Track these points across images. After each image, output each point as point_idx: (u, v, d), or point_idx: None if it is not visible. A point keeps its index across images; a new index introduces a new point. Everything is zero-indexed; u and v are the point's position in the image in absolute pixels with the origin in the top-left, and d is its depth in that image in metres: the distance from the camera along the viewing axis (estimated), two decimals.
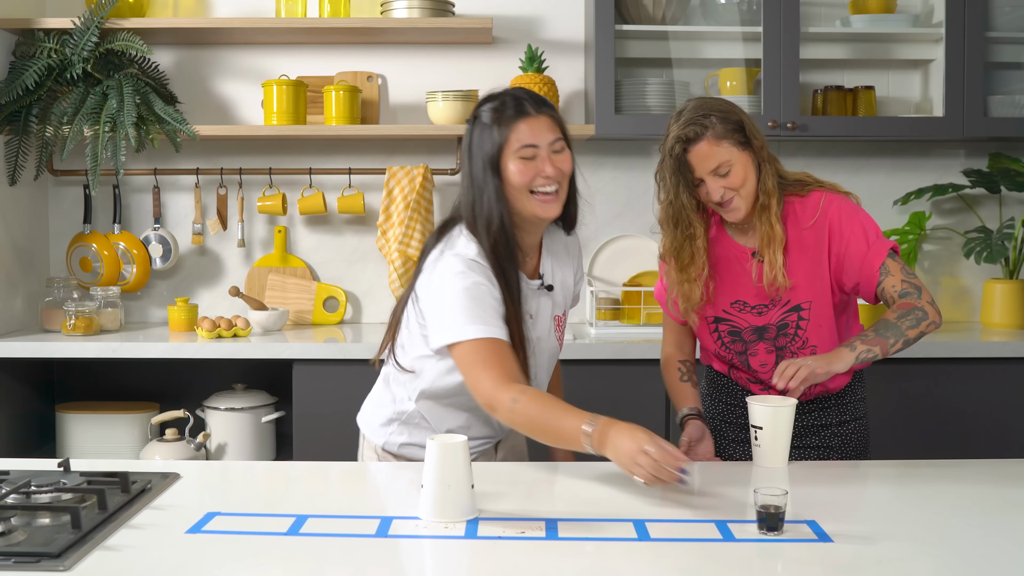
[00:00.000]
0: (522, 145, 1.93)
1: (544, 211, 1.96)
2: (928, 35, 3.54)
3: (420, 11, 3.45)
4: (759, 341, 2.22)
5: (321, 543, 1.55)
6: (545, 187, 1.95)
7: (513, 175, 1.93)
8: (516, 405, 1.82)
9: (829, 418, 2.28)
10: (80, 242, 3.61)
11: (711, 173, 2.09)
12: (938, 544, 1.56)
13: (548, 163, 1.94)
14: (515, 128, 1.93)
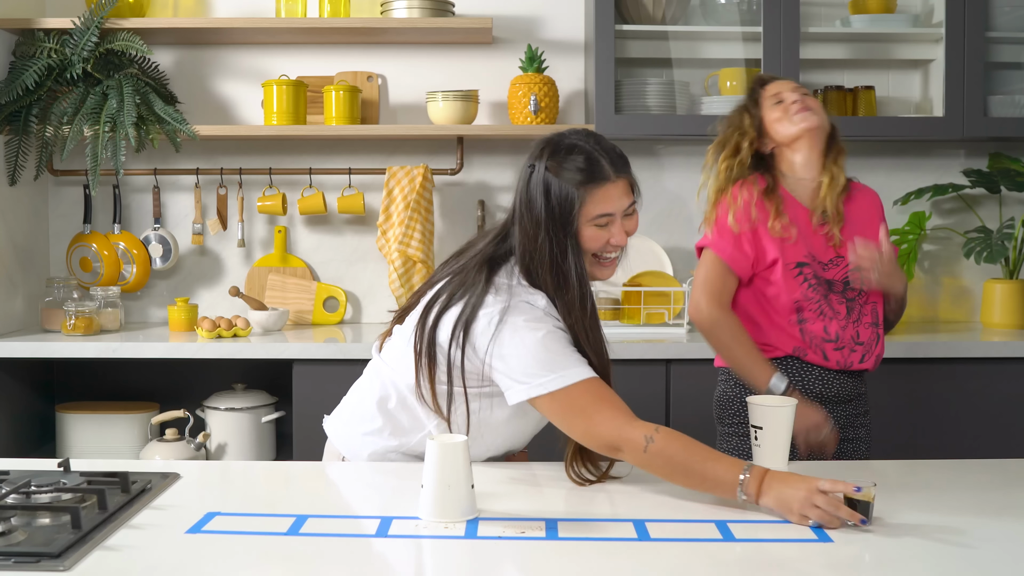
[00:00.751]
0: (599, 214, 1.84)
1: (603, 275, 1.93)
2: (928, 35, 3.53)
3: (420, 11, 3.45)
4: (831, 292, 2.40)
5: (321, 543, 1.55)
6: (611, 254, 1.91)
7: (585, 241, 1.86)
8: (652, 445, 1.73)
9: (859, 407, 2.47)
10: (80, 242, 3.61)
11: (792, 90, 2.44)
12: (938, 544, 1.56)
13: (620, 231, 1.88)
14: (593, 194, 1.83)
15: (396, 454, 2.01)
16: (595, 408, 1.78)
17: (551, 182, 1.84)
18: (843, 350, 2.40)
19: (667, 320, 3.46)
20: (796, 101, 2.40)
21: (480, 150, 3.72)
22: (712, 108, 3.53)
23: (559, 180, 1.84)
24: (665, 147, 3.73)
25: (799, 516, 1.62)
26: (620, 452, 1.77)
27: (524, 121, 3.49)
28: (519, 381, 1.82)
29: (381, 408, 2.00)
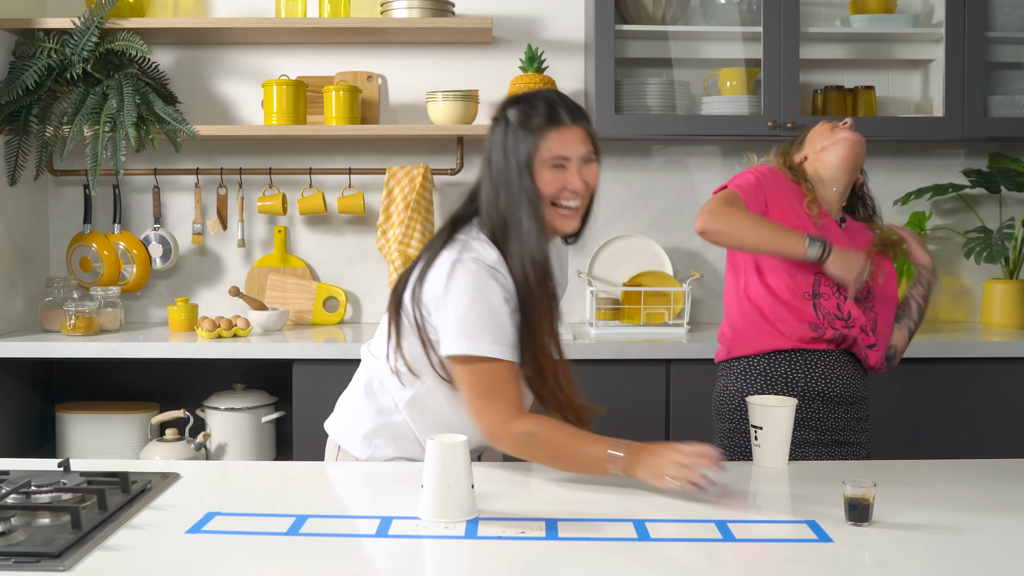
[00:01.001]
0: (553, 156, 1.86)
1: (563, 225, 1.92)
2: (928, 35, 3.53)
3: (420, 11, 3.45)
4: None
5: (321, 543, 1.55)
6: (569, 201, 1.90)
7: (540, 181, 1.86)
8: (534, 439, 1.82)
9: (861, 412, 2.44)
10: (80, 242, 3.61)
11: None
12: (938, 544, 1.56)
13: (577, 176, 1.88)
14: (547, 137, 1.86)
15: (384, 437, 2.03)
16: (489, 394, 1.83)
17: (511, 129, 1.87)
18: (854, 328, 2.36)
19: (667, 320, 3.46)
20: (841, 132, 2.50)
21: (480, 150, 3.71)
22: (712, 108, 3.53)
23: (518, 126, 1.86)
24: (665, 147, 3.73)
25: (664, 480, 1.72)
26: (498, 444, 1.86)
27: None
28: (445, 335, 1.86)
29: (367, 391, 2.05)
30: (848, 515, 1.63)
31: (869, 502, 1.62)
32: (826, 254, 2.25)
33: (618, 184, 3.73)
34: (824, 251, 2.25)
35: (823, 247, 2.25)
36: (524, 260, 1.87)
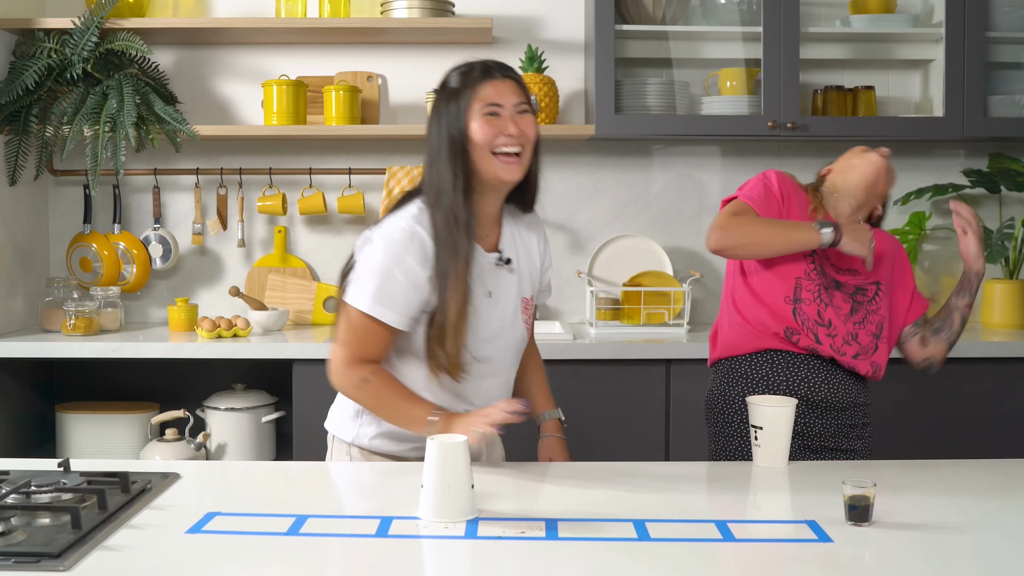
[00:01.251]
0: (487, 103, 1.91)
1: (506, 172, 1.93)
2: (928, 35, 3.54)
3: (420, 11, 3.45)
4: (836, 290, 2.34)
5: (321, 543, 1.55)
6: (508, 147, 1.92)
7: (476, 133, 1.91)
8: (366, 385, 1.94)
9: (856, 418, 2.37)
10: (80, 242, 3.61)
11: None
12: (938, 544, 1.56)
13: (512, 123, 1.92)
14: (480, 88, 1.92)
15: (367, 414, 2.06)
16: (349, 337, 1.95)
17: (446, 93, 1.95)
18: (836, 338, 2.30)
19: (667, 320, 3.46)
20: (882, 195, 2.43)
21: None
22: (712, 108, 3.53)
23: (455, 86, 1.94)
24: (665, 147, 3.73)
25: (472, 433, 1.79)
26: (336, 381, 1.97)
27: None
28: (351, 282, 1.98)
29: None
30: (848, 515, 1.63)
31: (869, 502, 1.62)
32: (839, 235, 2.25)
33: (618, 184, 3.73)
34: (837, 233, 2.25)
35: (834, 230, 2.25)
36: (448, 220, 1.91)
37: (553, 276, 2.32)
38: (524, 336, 2.10)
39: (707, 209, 3.73)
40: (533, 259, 2.12)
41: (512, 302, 2.05)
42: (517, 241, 2.08)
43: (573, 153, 3.73)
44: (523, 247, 2.09)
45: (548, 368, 3.15)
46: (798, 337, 2.30)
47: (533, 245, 2.12)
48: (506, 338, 2.05)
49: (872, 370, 2.35)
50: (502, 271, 2.03)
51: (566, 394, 3.18)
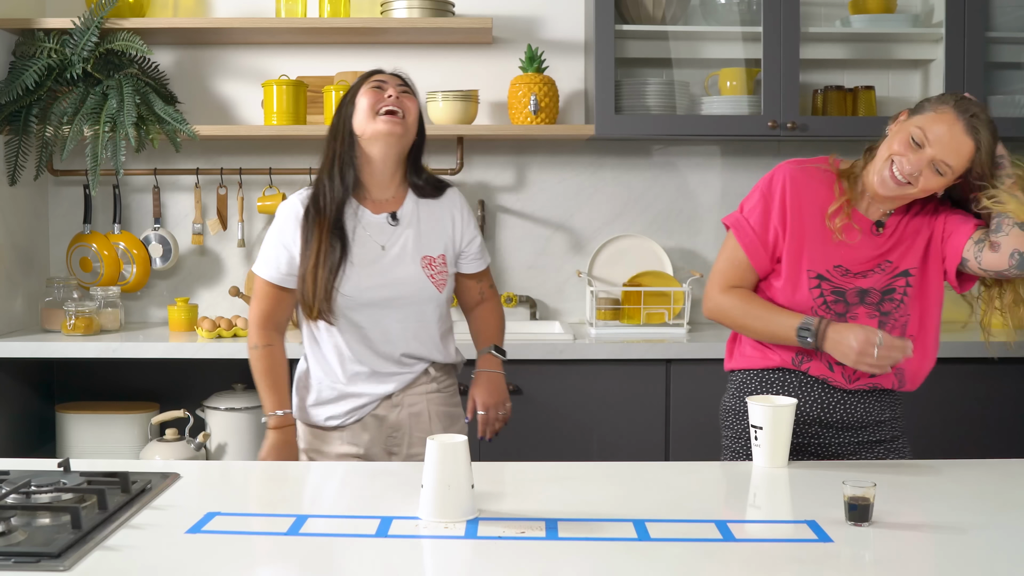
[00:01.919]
0: (374, 80, 2.30)
1: (388, 127, 2.24)
2: (928, 35, 3.53)
3: (420, 11, 3.45)
4: (860, 304, 2.16)
5: (321, 543, 1.55)
6: (388, 106, 2.24)
7: (361, 100, 2.26)
8: (253, 351, 2.30)
9: (882, 434, 2.24)
10: (80, 242, 3.61)
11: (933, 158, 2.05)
12: (938, 544, 1.56)
13: (394, 89, 2.28)
14: (370, 78, 2.32)
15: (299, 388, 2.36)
16: (253, 302, 2.33)
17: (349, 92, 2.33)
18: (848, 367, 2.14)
19: (667, 320, 3.46)
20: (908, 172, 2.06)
21: (480, 150, 3.72)
22: (712, 108, 3.53)
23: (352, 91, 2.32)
24: (665, 147, 3.73)
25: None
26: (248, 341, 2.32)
27: (524, 121, 3.49)
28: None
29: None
30: (848, 515, 1.63)
31: (869, 502, 1.62)
32: (819, 342, 2.08)
33: (618, 184, 3.73)
34: (816, 339, 2.08)
35: (815, 335, 2.08)
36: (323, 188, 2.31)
37: (551, 275, 2.33)
38: (434, 293, 2.32)
39: (707, 209, 3.73)
40: (444, 227, 2.36)
41: (408, 255, 2.30)
42: (421, 209, 2.34)
43: (573, 153, 3.73)
44: (428, 214, 2.35)
45: (548, 368, 3.16)
46: (808, 365, 2.18)
47: (447, 216, 2.37)
48: (402, 287, 2.28)
49: (897, 381, 2.20)
50: (395, 228, 2.31)
51: (566, 394, 3.18)
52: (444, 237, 2.35)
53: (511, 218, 3.73)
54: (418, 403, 2.33)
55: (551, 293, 3.74)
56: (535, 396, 3.17)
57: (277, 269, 2.28)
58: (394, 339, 2.29)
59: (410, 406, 2.32)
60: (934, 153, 2.04)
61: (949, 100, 2.10)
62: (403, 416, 2.31)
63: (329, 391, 2.31)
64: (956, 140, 2.05)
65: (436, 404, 2.35)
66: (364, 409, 2.30)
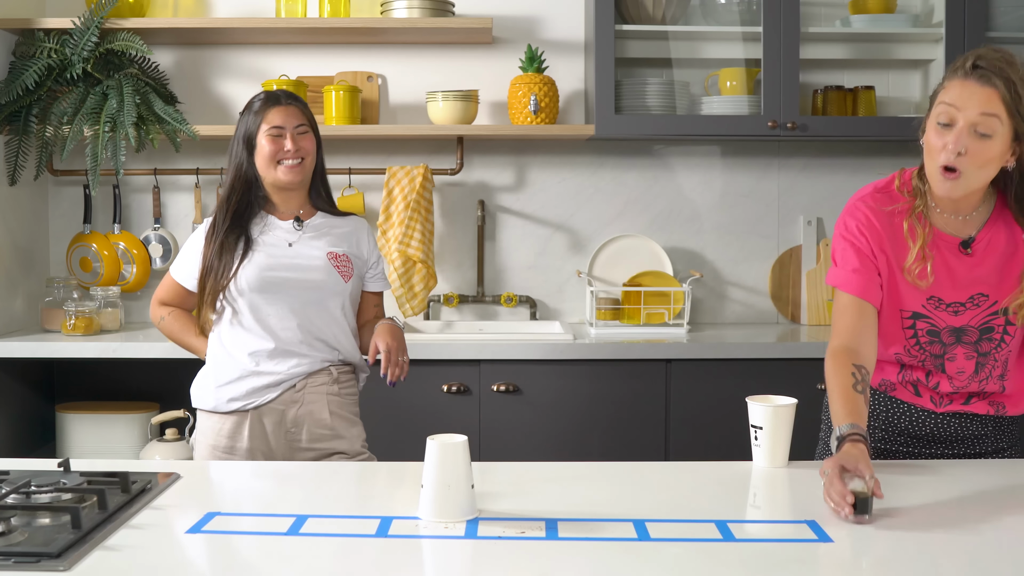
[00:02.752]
0: (271, 126, 2.41)
1: (287, 176, 2.42)
2: (928, 35, 3.53)
3: (420, 11, 3.45)
4: (957, 344, 2.02)
5: (321, 543, 1.55)
6: (287, 160, 2.41)
7: (262, 148, 2.41)
8: (163, 322, 2.54)
9: (983, 447, 2.10)
10: (80, 242, 3.61)
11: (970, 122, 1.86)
12: (938, 544, 1.56)
13: (291, 141, 2.41)
14: (269, 112, 2.42)
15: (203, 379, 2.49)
16: (158, 290, 2.56)
17: (245, 115, 2.46)
18: (938, 388, 2.05)
19: (667, 320, 3.46)
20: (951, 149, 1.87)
21: (480, 150, 3.72)
22: (712, 108, 3.53)
23: (250, 111, 2.45)
24: (665, 147, 3.73)
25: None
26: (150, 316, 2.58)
27: (524, 121, 3.49)
28: None
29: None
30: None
31: (868, 495, 1.62)
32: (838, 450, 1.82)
33: (618, 184, 3.73)
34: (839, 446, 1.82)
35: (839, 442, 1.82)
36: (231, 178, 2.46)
37: (551, 275, 2.31)
38: (335, 276, 2.44)
39: (707, 209, 3.73)
40: (350, 239, 2.51)
41: (314, 248, 2.44)
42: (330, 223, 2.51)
43: (573, 153, 3.73)
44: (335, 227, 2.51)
45: (547, 368, 3.16)
46: (892, 389, 2.09)
47: (353, 234, 2.53)
48: (307, 272, 2.41)
49: (994, 410, 2.06)
50: (300, 231, 2.46)
51: (566, 394, 3.18)
52: (351, 245, 2.51)
53: (511, 218, 3.73)
54: (317, 400, 2.40)
55: (551, 293, 3.74)
56: (535, 396, 3.17)
57: (183, 271, 2.51)
58: (297, 322, 2.41)
59: (310, 403, 2.39)
60: (964, 119, 1.85)
61: (955, 69, 1.91)
62: (302, 412, 2.39)
63: (231, 371, 2.41)
64: (975, 95, 1.85)
65: (335, 406, 2.42)
66: (266, 393, 2.38)
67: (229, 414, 2.41)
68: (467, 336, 3.32)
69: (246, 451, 2.39)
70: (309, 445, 2.40)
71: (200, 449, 2.45)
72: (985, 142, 1.86)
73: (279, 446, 2.40)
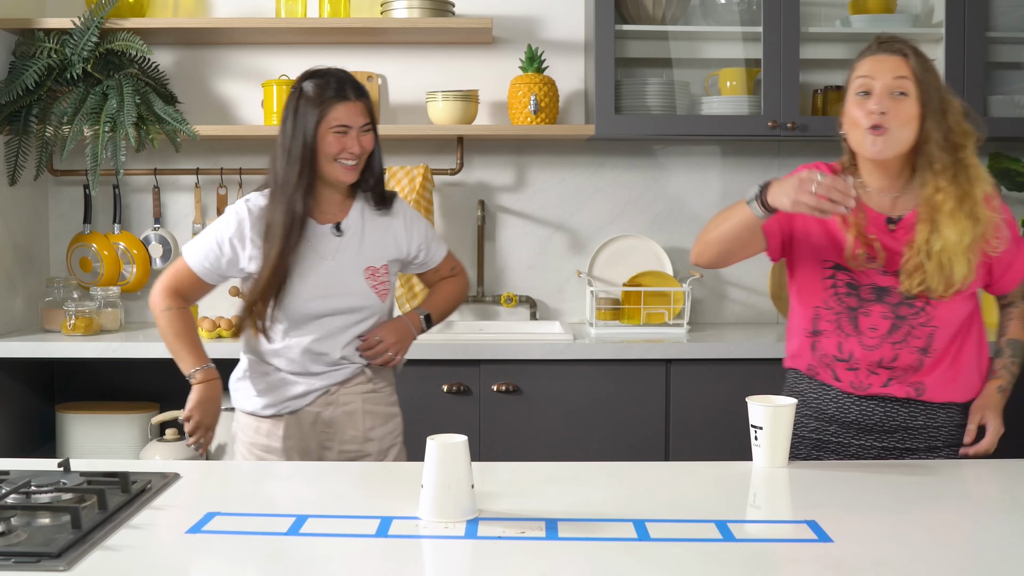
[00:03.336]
0: (338, 124, 2.27)
1: (345, 176, 2.31)
2: (928, 35, 3.53)
3: (420, 11, 3.45)
4: (876, 302, 2.11)
5: (321, 543, 1.55)
6: (348, 160, 2.29)
7: (327, 146, 2.27)
8: (166, 312, 2.39)
9: (916, 442, 2.16)
10: (80, 242, 3.61)
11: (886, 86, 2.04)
12: (938, 544, 1.56)
13: (356, 142, 2.29)
14: (333, 111, 2.27)
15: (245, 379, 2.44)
16: (170, 272, 2.42)
17: (304, 99, 2.28)
18: (858, 371, 2.13)
19: (667, 320, 3.46)
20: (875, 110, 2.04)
21: (480, 150, 3.72)
22: (712, 108, 3.53)
23: (312, 97, 2.27)
24: (665, 147, 3.73)
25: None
26: (150, 301, 2.42)
27: (524, 121, 3.49)
28: None
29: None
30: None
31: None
32: (764, 195, 2.00)
33: (618, 184, 3.73)
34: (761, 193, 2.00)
35: (758, 193, 2.01)
36: (284, 211, 2.28)
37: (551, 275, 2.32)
38: (372, 299, 2.38)
39: (707, 209, 3.73)
40: (388, 240, 2.42)
41: (351, 266, 2.36)
42: (366, 220, 2.40)
43: (573, 153, 3.73)
44: (373, 225, 2.40)
45: (547, 368, 3.16)
46: (816, 373, 2.19)
47: (391, 227, 2.42)
48: (344, 300, 2.34)
49: (914, 392, 2.12)
50: (339, 239, 2.36)
51: (566, 394, 3.18)
52: (389, 248, 2.42)
53: (511, 218, 3.73)
54: (352, 402, 2.39)
55: (551, 293, 3.74)
56: (535, 396, 3.17)
57: (203, 262, 2.38)
58: (333, 345, 2.36)
59: (344, 404, 2.39)
60: (880, 84, 2.04)
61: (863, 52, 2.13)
62: (337, 413, 2.38)
63: (267, 379, 2.39)
64: (886, 64, 2.06)
65: (371, 403, 2.41)
66: (301, 400, 2.37)
67: (266, 417, 2.40)
68: (467, 336, 3.32)
69: (282, 451, 2.38)
70: (341, 447, 2.40)
71: (239, 446, 2.45)
72: (903, 100, 2.04)
73: (315, 447, 2.40)
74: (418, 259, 2.49)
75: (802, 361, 2.21)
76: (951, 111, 2.05)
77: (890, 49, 2.07)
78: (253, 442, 2.41)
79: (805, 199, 1.90)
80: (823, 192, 1.89)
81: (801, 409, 2.20)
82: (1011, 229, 2.15)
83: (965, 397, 2.16)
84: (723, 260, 2.16)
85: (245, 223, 2.36)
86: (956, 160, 2.05)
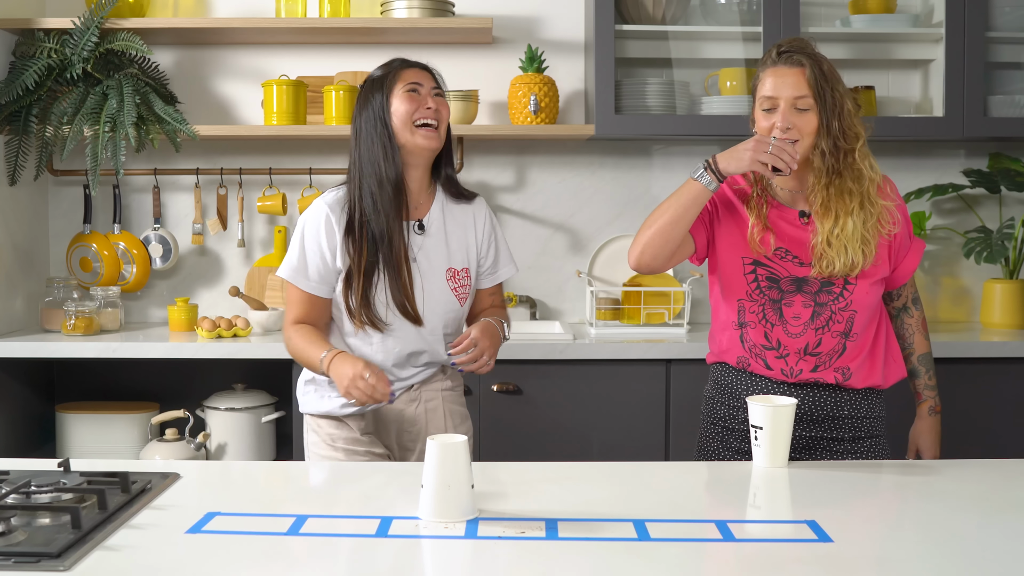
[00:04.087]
0: (408, 83, 2.22)
1: (427, 141, 2.21)
2: (928, 35, 3.53)
3: (420, 11, 3.45)
4: (797, 293, 2.23)
5: (321, 543, 1.55)
6: (427, 119, 2.21)
7: (399, 107, 2.20)
8: (289, 341, 2.27)
9: (841, 432, 2.27)
10: (80, 242, 3.61)
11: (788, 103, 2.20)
12: (938, 544, 1.56)
13: (430, 99, 2.22)
14: (402, 73, 2.23)
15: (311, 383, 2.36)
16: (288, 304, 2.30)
17: (370, 84, 2.25)
18: (788, 358, 2.23)
19: (667, 320, 3.46)
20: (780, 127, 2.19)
21: (480, 150, 3.72)
22: (712, 108, 3.53)
23: (373, 79, 2.25)
24: (665, 147, 3.73)
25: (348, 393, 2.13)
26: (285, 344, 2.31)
27: (524, 121, 3.49)
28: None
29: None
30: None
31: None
32: (715, 166, 2.16)
33: (618, 184, 3.73)
34: (712, 167, 2.16)
35: (706, 165, 2.17)
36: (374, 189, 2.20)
37: (552, 275, 2.32)
38: (455, 306, 2.32)
39: None
40: (468, 235, 2.34)
41: (435, 268, 2.29)
42: (447, 216, 2.32)
43: (573, 153, 3.73)
44: (453, 222, 2.33)
45: (548, 368, 3.16)
46: (748, 364, 2.27)
47: (470, 223, 2.35)
48: (427, 304, 2.28)
49: (842, 377, 2.23)
50: (422, 238, 2.28)
51: (566, 394, 3.18)
52: (468, 246, 2.35)
53: (511, 218, 3.73)
54: (434, 399, 2.37)
55: (551, 293, 3.74)
56: (535, 396, 3.17)
57: (308, 278, 2.26)
58: (412, 347, 2.30)
59: (427, 401, 2.36)
60: (784, 97, 2.20)
61: (764, 61, 2.30)
62: (420, 411, 2.35)
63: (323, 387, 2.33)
64: (786, 77, 2.22)
65: (449, 402, 2.39)
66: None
67: (344, 418, 2.33)
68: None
69: (365, 450, 2.31)
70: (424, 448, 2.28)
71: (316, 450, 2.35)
72: (805, 114, 2.19)
73: (391, 443, 2.35)
74: (483, 266, 2.39)
75: (732, 355, 2.30)
76: (844, 115, 2.19)
77: (789, 61, 2.22)
78: (332, 445, 2.32)
79: (762, 157, 2.12)
80: (776, 151, 2.12)
81: (729, 402, 2.31)
82: (902, 214, 2.28)
83: (887, 382, 2.30)
84: (662, 258, 2.24)
85: (331, 220, 2.25)
86: (845, 161, 2.19)
